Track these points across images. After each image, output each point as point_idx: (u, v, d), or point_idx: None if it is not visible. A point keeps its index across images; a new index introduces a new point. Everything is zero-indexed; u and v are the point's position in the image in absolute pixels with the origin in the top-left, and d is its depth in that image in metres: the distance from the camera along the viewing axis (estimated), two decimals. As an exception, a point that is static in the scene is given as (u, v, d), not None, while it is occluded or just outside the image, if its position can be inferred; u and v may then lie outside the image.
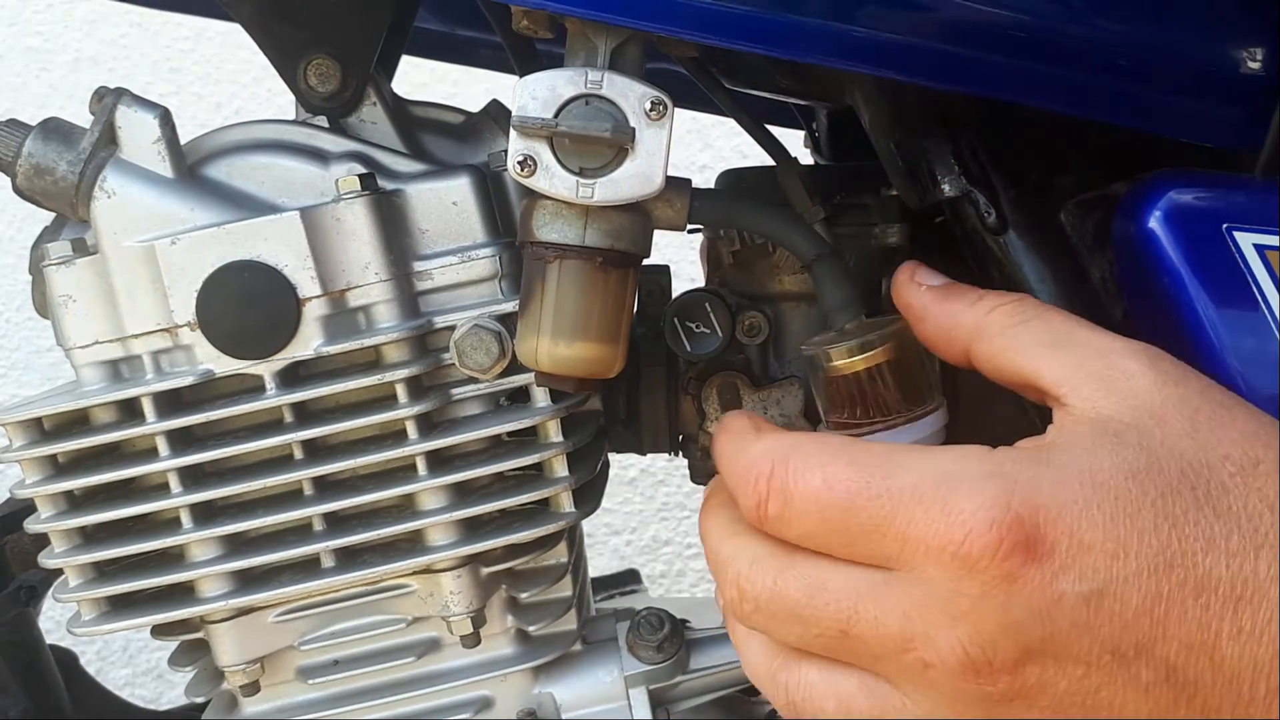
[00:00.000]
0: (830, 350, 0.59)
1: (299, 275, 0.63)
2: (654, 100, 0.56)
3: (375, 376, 0.65)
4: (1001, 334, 0.52)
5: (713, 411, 0.74)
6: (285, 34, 0.69)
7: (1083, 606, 0.45)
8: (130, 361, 0.66)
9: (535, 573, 0.74)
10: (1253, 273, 0.56)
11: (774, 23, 0.54)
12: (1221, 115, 0.60)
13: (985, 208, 0.65)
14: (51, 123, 0.65)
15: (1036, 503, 0.45)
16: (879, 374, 0.58)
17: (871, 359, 0.58)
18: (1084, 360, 0.50)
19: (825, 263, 0.61)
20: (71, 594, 0.67)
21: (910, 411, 0.58)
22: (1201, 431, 0.47)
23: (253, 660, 0.70)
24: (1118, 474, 0.46)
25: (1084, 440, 0.47)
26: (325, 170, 0.67)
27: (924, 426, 0.59)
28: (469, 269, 0.67)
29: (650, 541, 2.08)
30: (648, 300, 0.76)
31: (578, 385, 0.62)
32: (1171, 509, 0.46)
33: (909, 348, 0.60)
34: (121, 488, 0.68)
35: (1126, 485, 0.46)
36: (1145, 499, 0.46)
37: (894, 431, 0.59)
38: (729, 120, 0.77)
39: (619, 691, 0.74)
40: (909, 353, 0.60)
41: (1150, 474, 0.46)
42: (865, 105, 0.68)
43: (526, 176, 0.57)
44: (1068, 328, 0.51)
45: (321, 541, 0.67)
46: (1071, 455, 0.47)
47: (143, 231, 0.64)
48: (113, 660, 2.04)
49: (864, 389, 0.59)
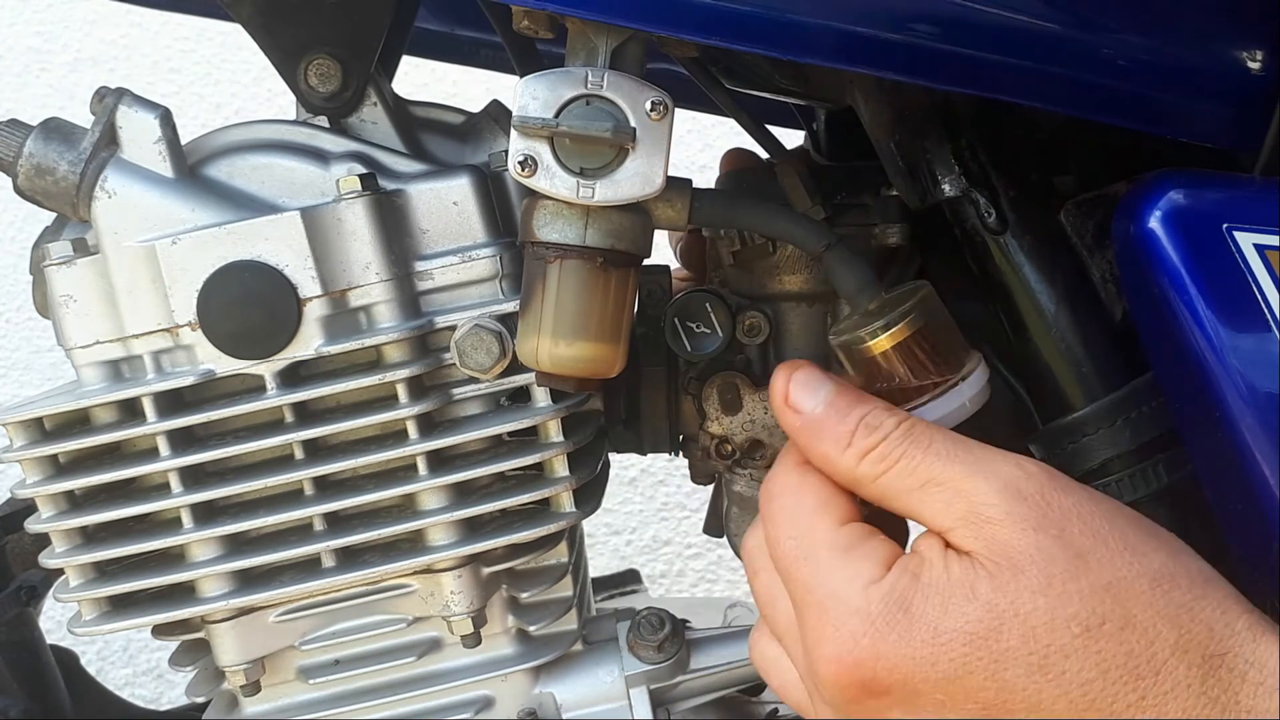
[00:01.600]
0: (862, 332, 0.59)
1: (300, 275, 0.64)
2: (654, 100, 0.56)
3: (376, 376, 0.65)
4: (874, 485, 0.56)
5: (713, 411, 0.74)
6: (286, 34, 0.69)
7: None
8: (131, 361, 0.66)
9: (536, 573, 0.74)
10: (1253, 273, 0.56)
11: (774, 23, 0.54)
12: (1221, 115, 0.60)
13: (985, 208, 0.65)
14: (52, 123, 0.65)
15: (880, 650, 0.51)
16: (915, 343, 0.59)
17: (904, 329, 0.59)
18: (949, 506, 0.53)
19: (836, 250, 0.61)
20: (72, 594, 0.67)
21: (950, 375, 0.59)
22: (1054, 586, 0.50)
23: (253, 660, 0.70)
24: (959, 637, 0.51)
25: (943, 591, 0.52)
26: (326, 170, 0.67)
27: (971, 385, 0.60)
28: (470, 269, 0.67)
29: (650, 541, 2.08)
30: (648, 300, 0.76)
31: (578, 385, 0.62)
32: (1003, 674, 0.50)
33: (936, 310, 0.60)
34: (122, 488, 0.68)
35: (964, 649, 0.50)
36: (979, 663, 0.50)
37: (945, 398, 0.59)
38: (729, 120, 0.77)
39: (619, 691, 0.74)
40: (937, 315, 0.60)
41: (990, 638, 0.50)
42: (865, 105, 0.68)
43: (527, 177, 0.57)
44: (927, 468, 0.54)
45: (322, 541, 0.67)
46: (927, 606, 0.52)
47: (143, 231, 0.64)
48: (113, 660, 2.04)
49: (903, 361, 0.59)
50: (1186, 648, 0.50)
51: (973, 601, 0.51)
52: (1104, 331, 0.65)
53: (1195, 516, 0.62)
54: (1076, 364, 0.64)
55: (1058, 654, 0.50)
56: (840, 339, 0.61)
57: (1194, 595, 0.51)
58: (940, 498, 0.54)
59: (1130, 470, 0.62)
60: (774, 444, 0.74)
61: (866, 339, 0.59)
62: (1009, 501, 0.52)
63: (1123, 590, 0.50)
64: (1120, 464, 0.62)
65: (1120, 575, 0.51)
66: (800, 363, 0.60)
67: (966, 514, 0.53)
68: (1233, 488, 0.57)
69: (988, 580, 0.51)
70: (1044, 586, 0.50)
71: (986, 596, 0.51)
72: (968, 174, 0.65)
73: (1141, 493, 0.62)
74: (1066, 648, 0.50)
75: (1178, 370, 0.57)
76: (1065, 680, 0.49)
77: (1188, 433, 0.60)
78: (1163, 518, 0.62)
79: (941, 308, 0.61)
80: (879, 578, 0.53)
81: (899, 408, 0.58)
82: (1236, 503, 0.57)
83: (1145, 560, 0.51)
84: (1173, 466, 0.62)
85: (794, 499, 0.58)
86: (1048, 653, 0.50)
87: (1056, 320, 0.64)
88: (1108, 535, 0.52)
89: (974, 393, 0.60)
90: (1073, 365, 0.64)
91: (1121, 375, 0.63)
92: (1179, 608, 0.50)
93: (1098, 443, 0.63)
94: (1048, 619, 0.50)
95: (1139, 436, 0.62)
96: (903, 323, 0.59)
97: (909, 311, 0.59)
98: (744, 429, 0.74)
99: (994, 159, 0.66)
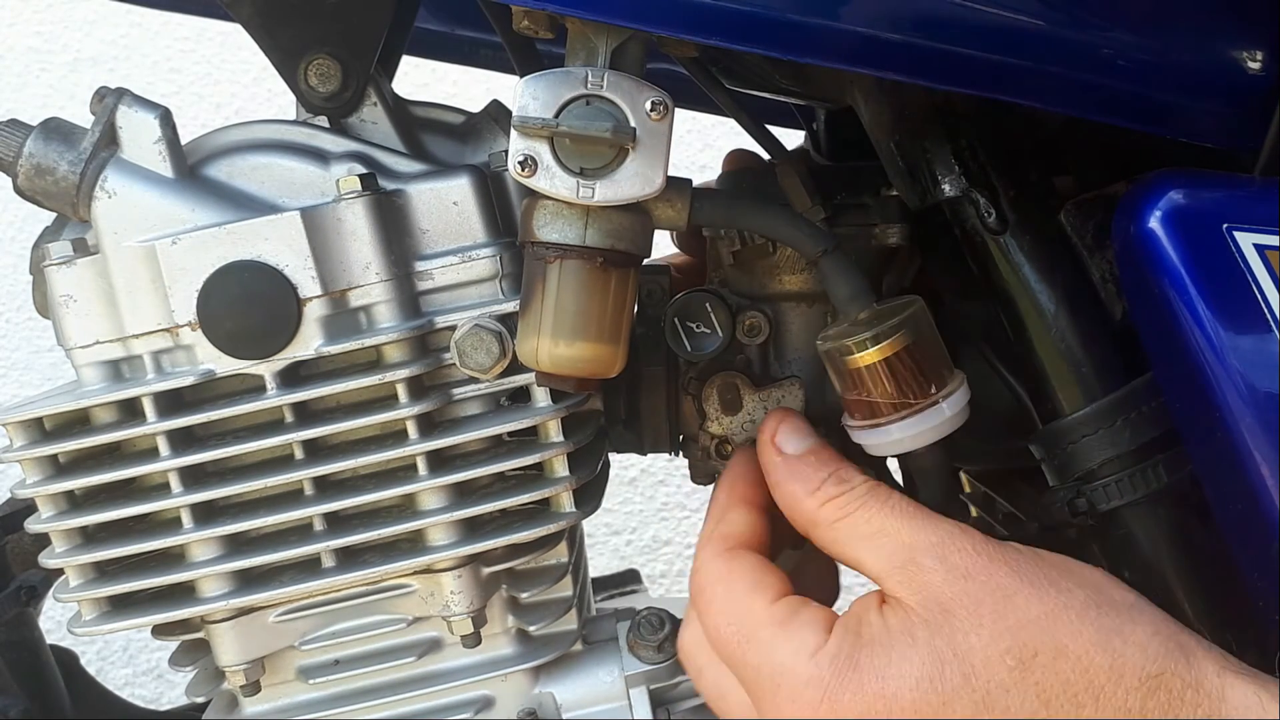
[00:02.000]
0: (849, 342, 0.60)
1: (300, 275, 0.64)
2: (654, 100, 0.56)
3: (376, 376, 0.65)
4: (830, 527, 0.60)
5: (713, 411, 0.74)
6: (286, 34, 0.69)
7: None
8: (131, 361, 0.66)
9: (536, 573, 0.74)
10: (1253, 272, 0.56)
11: (774, 23, 0.54)
12: (1221, 115, 0.60)
13: (985, 208, 0.65)
14: (52, 123, 0.65)
15: (837, 709, 0.54)
16: (900, 359, 0.60)
17: (892, 345, 0.59)
18: (892, 555, 0.57)
19: (831, 257, 0.61)
20: (72, 594, 0.67)
21: (932, 393, 0.60)
22: (985, 624, 0.54)
23: (253, 660, 0.70)
24: (907, 682, 0.54)
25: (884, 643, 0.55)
26: (326, 170, 0.67)
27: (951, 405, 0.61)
28: (469, 269, 0.67)
29: (650, 541, 2.08)
30: (648, 300, 0.76)
31: (578, 385, 0.62)
32: (951, 713, 0.53)
33: (924, 327, 0.60)
34: (122, 488, 0.68)
35: (912, 694, 0.53)
36: (928, 705, 0.53)
37: (922, 415, 0.60)
38: (729, 120, 0.77)
39: (619, 691, 0.74)
40: (925, 332, 0.61)
41: (936, 679, 0.53)
42: (866, 105, 0.68)
43: (527, 177, 0.57)
44: (881, 520, 0.58)
45: (322, 541, 0.67)
46: (874, 659, 0.55)
47: (143, 231, 0.64)
48: (113, 660, 2.04)
49: (886, 376, 0.60)
50: (1121, 672, 0.52)
51: (914, 647, 0.54)
52: (1103, 331, 0.65)
53: (1195, 517, 0.62)
54: (1076, 364, 0.64)
55: (998, 689, 0.52)
56: (827, 346, 0.61)
57: (1122, 620, 0.53)
58: (886, 547, 0.57)
59: (1129, 470, 0.62)
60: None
61: (854, 350, 0.60)
62: (944, 552, 0.56)
63: (1050, 622, 0.53)
64: (1119, 464, 0.62)
65: (1047, 609, 0.53)
66: (792, 412, 0.66)
67: (905, 562, 0.56)
68: (1232, 488, 0.57)
69: (924, 626, 0.54)
70: (975, 626, 0.53)
71: (925, 640, 0.54)
72: (968, 174, 0.66)
73: (1141, 493, 0.62)
74: (1005, 682, 0.52)
75: (1177, 370, 0.57)
76: (1010, 714, 0.52)
77: (1187, 433, 0.60)
78: (1163, 518, 0.63)
79: (931, 325, 0.61)
80: (823, 644, 0.56)
81: (878, 418, 0.60)
82: (1236, 503, 0.57)
83: (1070, 594, 0.54)
84: (1172, 467, 0.62)
85: (724, 586, 0.61)
86: (989, 689, 0.52)
87: (1056, 320, 0.64)
88: (1033, 575, 0.55)
89: (953, 413, 0.61)
90: (1072, 365, 0.64)
91: (1121, 375, 0.63)
92: (1109, 633, 0.53)
93: (1097, 443, 0.63)
94: (983, 656, 0.53)
95: (1138, 437, 0.62)
96: (890, 339, 0.59)
97: (898, 327, 0.59)
98: (744, 429, 0.74)
99: (994, 159, 0.66)
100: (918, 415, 0.60)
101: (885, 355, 0.60)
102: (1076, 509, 0.63)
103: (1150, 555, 0.63)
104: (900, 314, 0.60)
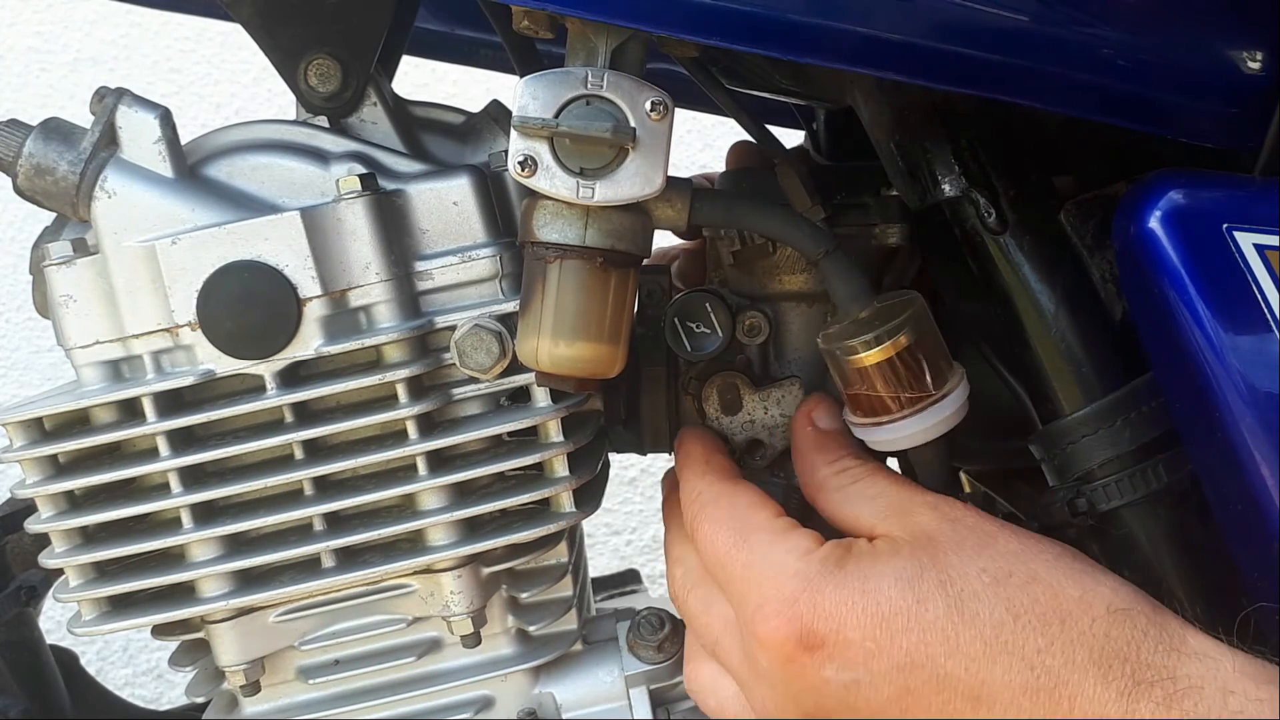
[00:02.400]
0: (854, 342, 0.61)
1: (300, 275, 0.63)
2: (654, 100, 0.56)
3: (376, 376, 0.65)
4: (837, 490, 0.64)
5: (713, 412, 0.74)
6: (286, 34, 0.69)
7: (843, 690, 0.56)
8: (131, 361, 0.66)
9: (536, 573, 0.74)
10: (1253, 273, 0.56)
11: (774, 23, 0.54)
12: (1221, 116, 0.60)
13: (985, 208, 0.65)
14: (52, 123, 0.65)
15: (816, 601, 0.57)
16: (902, 358, 0.61)
17: (895, 344, 0.60)
18: (889, 507, 0.61)
19: (832, 258, 0.61)
20: (72, 594, 0.67)
21: (933, 391, 0.61)
22: (966, 549, 0.57)
23: (253, 660, 0.70)
24: (883, 583, 0.56)
25: (871, 553, 0.58)
26: (326, 170, 0.67)
27: (949, 404, 0.62)
28: (469, 269, 0.67)
29: (650, 541, 2.08)
30: (647, 300, 0.76)
31: (578, 385, 0.62)
32: (924, 615, 0.55)
33: (925, 325, 0.61)
34: (122, 488, 0.68)
35: (889, 591, 0.56)
36: (903, 602, 0.55)
37: (923, 414, 0.61)
38: (729, 120, 0.77)
39: (619, 691, 0.74)
40: (926, 329, 0.62)
41: (911, 585, 0.56)
42: (866, 105, 0.68)
43: (527, 177, 0.57)
44: (884, 487, 0.62)
45: (322, 541, 0.67)
46: (860, 563, 0.58)
47: (143, 231, 0.64)
48: (113, 660, 2.04)
49: (890, 374, 0.61)
50: (1090, 601, 0.54)
51: (897, 557, 0.57)
52: (1104, 332, 0.65)
53: (1195, 517, 0.62)
54: (1076, 364, 0.64)
55: (970, 596, 0.55)
56: (829, 345, 0.62)
57: (1095, 569, 0.57)
58: (883, 506, 0.61)
59: (1129, 470, 0.62)
60: (773, 444, 0.74)
61: (859, 350, 0.61)
62: (935, 504, 0.60)
63: (1028, 555, 0.56)
64: (1119, 464, 0.62)
65: (1026, 545, 0.57)
66: (830, 398, 0.69)
67: (899, 511, 0.60)
68: (1232, 488, 0.57)
69: (908, 547, 0.58)
70: (957, 548, 0.57)
71: (909, 555, 0.57)
72: (968, 174, 0.66)
73: (1141, 493, 0.62)
74: (978, 591, 0.55)
75: (1177, 370, 0.57)
76: (979, 622, 0.54)
77: (1187, 433, 0.60)
78: (1162, 518, 0.63)
79: (931, 321, 0.62)
80: (815, 549, 0.59)
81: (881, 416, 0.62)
82: (1236, 503, 0.57)
83: (1051, 544, 0.58)
84: (1172, 467, 0.62)
85: (728, 500, 0.64)
86: (962, 595, 0.55)
87: (1056, 320, 0.64)
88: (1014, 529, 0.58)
89: (951, 411, 0.62)
90: (1072, 365, 0.64)
91: (1121, 375, 0.63)
92: (1081, 574, 0.56)
93: (1097, 443, 0.63)
94: (960, 570, 0.56)
95: (1138, 437, 0.62)
96: (892, 339, 0.60)
97: (900, 327, 0.60)
98: (744, 429, 0.74)
99: (994, 159, 0.66)
100: (921, 413, 0.61)
101: (889, 355, 0.60)
102: (1076, 509, 0.63)
103: (1150, 555, 0.63)
104: (902, 313, 0.60)
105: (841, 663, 0.56)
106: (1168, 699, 0.50)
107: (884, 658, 0.55)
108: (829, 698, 0.57)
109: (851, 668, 0.56)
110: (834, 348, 0.62)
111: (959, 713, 0.54)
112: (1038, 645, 0.53)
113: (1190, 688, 0.51)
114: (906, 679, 0.55)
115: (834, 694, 0.56)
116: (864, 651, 0.55)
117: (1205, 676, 0.51)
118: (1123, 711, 0.51)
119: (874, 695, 0.55)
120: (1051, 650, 0.53)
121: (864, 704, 0.56)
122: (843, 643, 0.56)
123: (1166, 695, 0.51)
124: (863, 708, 0.56)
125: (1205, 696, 0.50)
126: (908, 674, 0.55)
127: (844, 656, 0.56)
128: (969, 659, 0.54)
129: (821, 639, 0.56)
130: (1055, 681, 0.52)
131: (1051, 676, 0.52)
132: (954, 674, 0.54)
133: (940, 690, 0.54)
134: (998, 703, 0.53)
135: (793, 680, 0.57)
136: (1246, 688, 0.50)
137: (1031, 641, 0.53)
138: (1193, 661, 0.52)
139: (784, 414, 0.73)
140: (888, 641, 0.55)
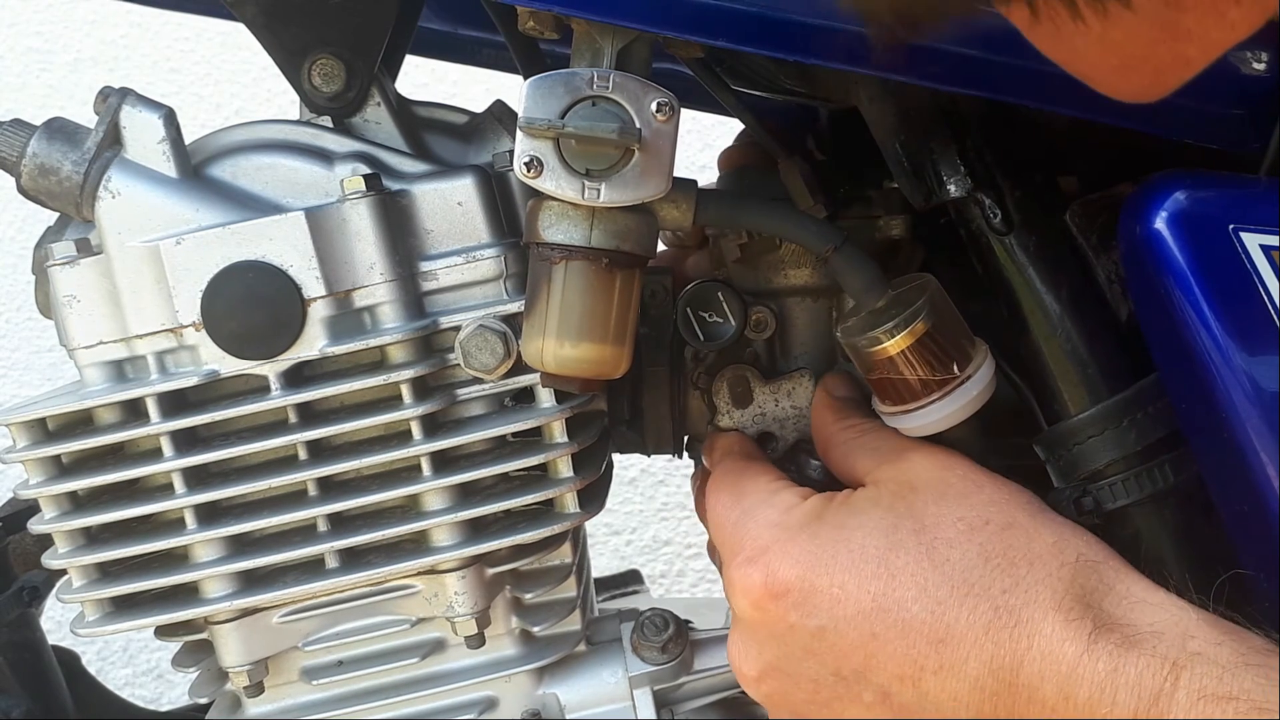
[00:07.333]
0: (877, 333, 0.61)
1: (304, 275, 0.63)
2: (660, 101, 0.56)
3: (380, 377, 0.65)
4: (844, 443, 0.66)
5: (724, 405, 0.74)
6: (289, 34, 0.69)
7: (809, 637, 0.57)
8: (134, 362, 0.66)
9: (540, 573, 0.74)
10: (1258, 273, 0.56)
11: (779, 24, 0.54)
12: (1226, 117, 0.60)
13: (991, 208, 0.65)
14: (56, 123, 0.65)
15: (787, 549, 0.58)
16: (925, 342, 0.61)
17: (916, 330, 0.60)
18: (886, 455, 0.62)
19: (843, 252, 0.62)
20: (75, 595, 0.67)
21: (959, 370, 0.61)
22: (948, 498, 0.58)
23: (257, 661, 0.70)
24: (860, 530, 0.57)
25: (851, 503, 0.60)
26: (330, 170, 0.67)
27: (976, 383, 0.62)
28: (474, 269, 0.67)
29: (650, 541, 2.08)
30: (651, 301, 0.76)
31: (583, 386, 0.62)
32: (893, 561, 0.56)
33: (942, 305, 0.61)
34: (125, 488, 0.68)
35: (863, 540, 0.57)
36: (875, 551, 0.56)
37: (951, 397, 0.61)
38: (730, 120, 0.77)
39: (623, 692, 0.74)
40: (944, 309, 0.62)
41: (885, 534, 0.57)
42: (870, 106, 0.68)
43: (533, 178, 0.57)
44: (886, 441, 0.64)
45: (326, 542, 0.66)
46: (838, 513, 0.59)
47: (147, 231, 0.64)
48: (113, 660, 2.04)
49: (917, 359, 0.61)
50: (1063, 548, 0.55)
51: (877, 505, 0.58)
52: (1109, 332, 0.65)
53: (1201, 516, 0.62)
54: (1081, 365, 0.64)
55: (943, 544, 0.56)
56: (850, 339, 0.62)
57: (1075, 526, 0.57)
58: (882, 454, 0.62)
59: (1135, 471, 0.62)
60: (785, 436, 0.74)
61: (883, 339, 0.61)
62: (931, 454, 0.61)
63: (1010, 504, 0.57)
64: (1125, 465, 0.62)
65: (1011, 495, 0.58)
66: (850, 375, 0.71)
67: (896, 459, 0.61)
68: (1238, 489, 0.57)
69: (889, 495, 0.59)
70: (938, 498, 0.58)
71: (888, 504, 0.58)
72: (973, 175, 0.65)
73: (1147, 493, 0.62)
74: (952, 540, 0.56)
75: (1183, 371, 0.57)
76: (948, 567, 0.55)
77: (1193, 434, 0.60)
78: (1168, 519, 0.63)
79: (947, 300, 0.62)
80: (800, 504, 0.61)
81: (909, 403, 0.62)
82: (1242, 504, 0.57)
83: (1033, 495, 0.59)
84: (1178, 468, 0.62)
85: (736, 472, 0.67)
86: (934, 542, 0.56)
87: (1061, 321, 0.64)
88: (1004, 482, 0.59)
89: (978, 391, 0.62)
90: (1078, 366, 0.64)
91: (1126, 376, 0.63)
92: (1060, 524, 0.57)
93: (1103, 444, 0.63)
94: (935, 518, 0.57)
95: (1144, 438, 0.62)
96: (914, 324, 0.60)
97: (920, 311, 0.60)
98: (755, 421, 0.74)
99: (999, 160, 0.66)
100: (950, 395, 0.61)
101: (911, 340, 0.61)
102: (1083, 508, 0.63)
103: (1156, 554, 0.63)
104: (918, 297, 0.61)
105: (807, 609, 0.56)
106: (1126, 641, 0.51)
107: (850, 604, 0.56)
108: (794, 645, 0.57)
109: (816, 614, 0.56)
110: (855, 340, 0.62)
111: (922, 657, 0.54)
112: (1003, 585, 0.54)
113: (1152, 633, 0.51)
114: (872, 624, 0.55)
115: (799, 640, 0.57)
116: (830, 598, 0.56)
117: (1167, 623, 0.52)
118: (1081, 651, 0.51)
119: (839, 641, 0.56)
120: (1016, 590, 0.54)
121: (828, 650, 0.56)
122: (809, 589, 0.56)
123: (1125, 638, 0.51)
124: (827, 653, 0.56)
125: (1165, 640, 0.51)
126: (873, 619, 0.55)
127: (810, 603, 0.56)
128: (936, 602, 0.54)
129: (787, 586, 0.57)
130: (1016, 620, 0.53)
131: (1013, 615, 0.53)
132: (919, 618, 0.54)
133: (904, 635, 0.55)
134: (961, 644, 0.54)
135: (759, 627, 0.58)
136: (1208, 633, 0.51)
137: (998, 582, 0.54)
138: (1156, 610, 0.53)
139: (795, 405, 0.73)
140: (855, 588, 0.56)
